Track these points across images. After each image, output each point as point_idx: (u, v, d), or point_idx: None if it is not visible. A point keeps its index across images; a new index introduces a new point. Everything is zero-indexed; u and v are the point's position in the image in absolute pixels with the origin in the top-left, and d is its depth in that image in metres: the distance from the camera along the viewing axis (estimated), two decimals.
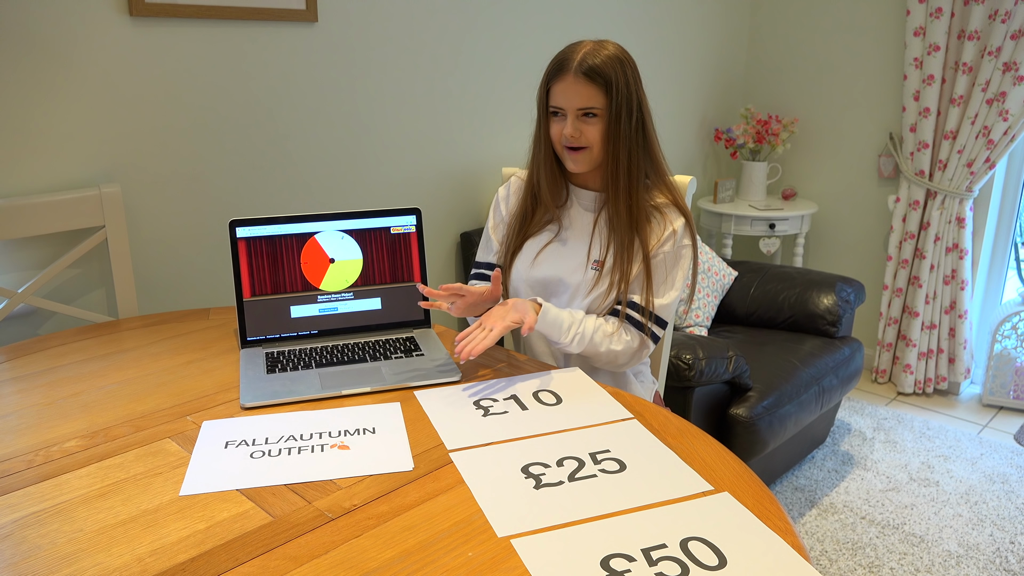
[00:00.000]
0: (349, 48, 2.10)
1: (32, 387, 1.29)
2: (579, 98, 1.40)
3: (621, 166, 1.43)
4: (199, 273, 1.95)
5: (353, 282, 1.50)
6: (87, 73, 1.67)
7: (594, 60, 1.39)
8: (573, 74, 1.39)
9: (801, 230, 3.26)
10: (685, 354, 2.00)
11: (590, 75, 1.38)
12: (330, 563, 0.85)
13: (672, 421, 1.18)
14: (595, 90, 1.39)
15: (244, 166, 1.97)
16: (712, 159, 3.54)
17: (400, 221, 1.53)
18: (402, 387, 1.30)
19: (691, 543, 0.88)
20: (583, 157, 1.44)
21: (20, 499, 0.97)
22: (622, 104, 1.40)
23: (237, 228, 1.43)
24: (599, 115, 1.41)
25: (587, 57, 1.39)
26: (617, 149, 1.42)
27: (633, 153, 1.43)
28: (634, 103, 1.42)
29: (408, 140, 2.30)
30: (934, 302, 3.08)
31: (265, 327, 1.45)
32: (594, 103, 1.39)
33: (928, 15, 2.86)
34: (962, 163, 2.91)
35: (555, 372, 1.36)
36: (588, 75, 1.38)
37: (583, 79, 1.38)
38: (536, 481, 1.00)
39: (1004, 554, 2.16)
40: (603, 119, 1.41)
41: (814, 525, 2.29)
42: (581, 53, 1.40)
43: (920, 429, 2.86)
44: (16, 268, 1.67)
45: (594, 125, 1.41)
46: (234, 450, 1.09)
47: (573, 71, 1.39)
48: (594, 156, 1.44)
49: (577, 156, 1.44)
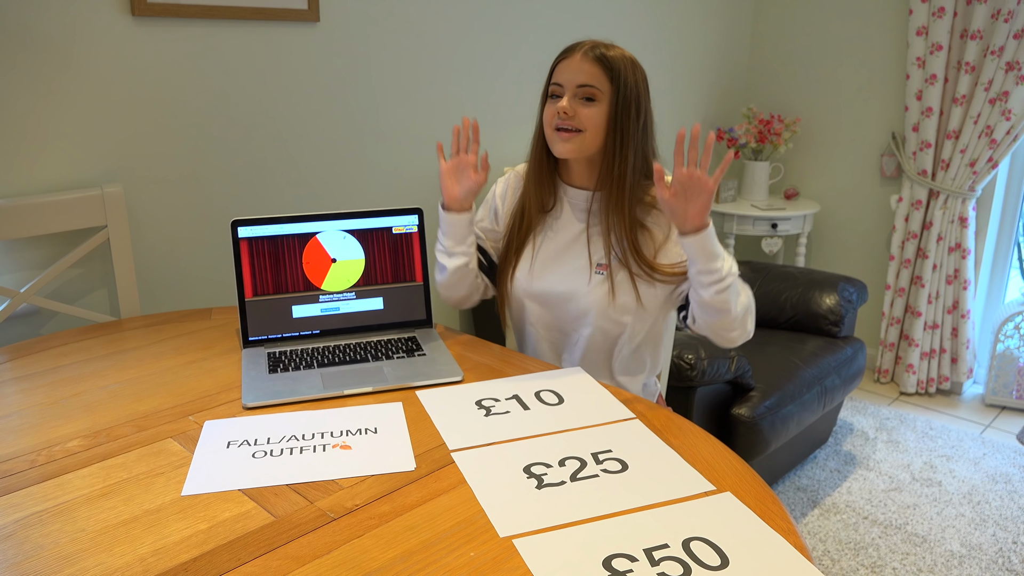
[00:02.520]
0: (351, 48, 2.10)
1: (34, 387, 1.29)
2: (581, 74, 1.36)
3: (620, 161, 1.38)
4: (201, 273, 1.95)
5: (355, 282, 1.50)
6: (89, 73, 1.67)
7: (606, 49, 1.38)
8: (582, 54, 1.37)
9: (803, 230, 3.26)
10: (687, 354, 2.00)
11: (599, 59, 1.36)
12: (332, 563, 0.85)
13: (674, 421, 1.18)
14: (600, 72, 1.36)
15: (246, 166, 1.97)
16: (715, 159, 3.54)
17: (402, 221, 1.53)
18: (404, 387, 1.30)
19: (693, 543, 0.88)
20: (573, 141, 1.38)
21: (22, 499, 0.97)
22: (630, 99, 1.37)
23: (239, 228, 1.43)
24: (599, 99, 1.37)
25: (600, 45, 1.38)
26: (622, 142, 1.38)
27: (636, 154, 1.39)
28: (642, 105, 1.39)
29: (410, 140, 2.30)
30: (936, 302, 3.08)
31: (267, 327, 1.45)
32: (596, 83, 1.36)
33: (931, 14, 2.86)
34: (965, 163, 2.91)
35: (557, 372, 1.36)
36: (597, 58, 1.36)
37: (590, 59, 1.36)
38: (538, 481, 1.00)
39: (1007, 554, 2.16)
40: (604, 105, 1.37)
41: (816, 525, 2.29)
42: (594, 42, 1.39)
43: (923, 429, 2.86)
44: (18, 268, 1.67)
45: (592, 108, 1.37)
46: (236, 450, 1.09)
47: (583, 51, 1.38)
48: (585, 143, 1.38)
49: (567, 137, 1.38)
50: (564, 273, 1.47)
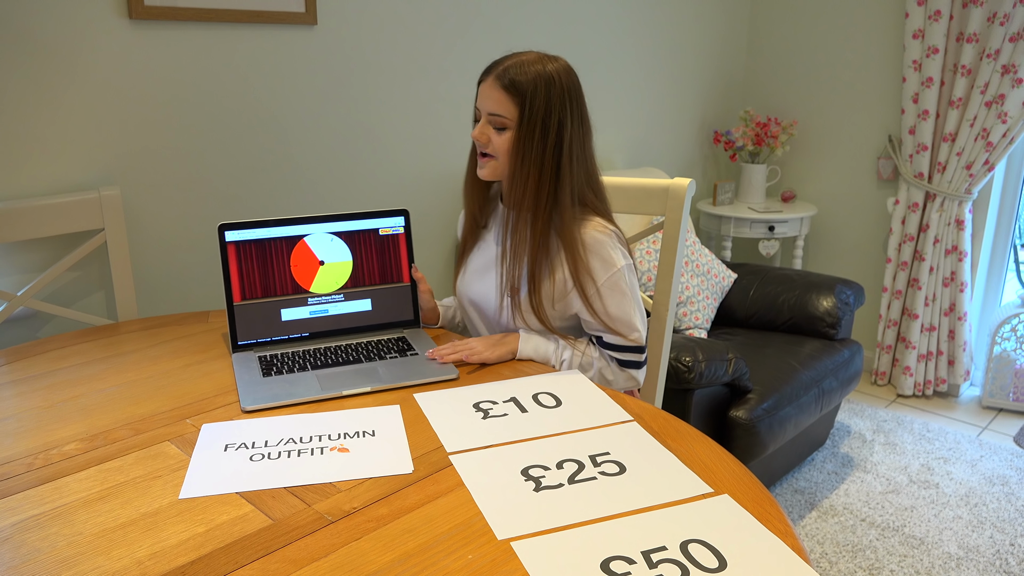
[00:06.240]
0: (349, 50, 2.10)
1: (31, 390, 1.29)
2: (491, 102, 1.38)
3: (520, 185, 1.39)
4: (198, 276, 1.95)
5: (343, 284, 1.51)
6: (86, 75, 1.67)
7: (516, 73, 1.36)
8: (493, 79, 1.38)
9: (800, 232, 3.26)
10: (685, 356, 2.00)
11: (507, 85, 1.36)
12: (330, 566, 0.85)
13: (671, 423, 1.18)
14: (508, 100, 1.36)
15: (244, 169, 1.97)
16: (711, 161, 3.55)
17: (388, 223, 1.54)
18: (401, 386, 1.30)
19: (691, 545, 0.88)
20: (488, 166, 1.43)
21: (20, 502, 0.97)
22: (536, 123, 1.36)
23: (226, 232, 1.43)
24: (508, 127, 1.38)
25: (511, 68, 1.37)
26: (523, 167, 1.39)
27: (543, 176, 1.38)
28: (551, 124, 1.37)
29: (408, 142, 2.30)
30: (933, 304, 3.09)
31: (256, 331, 1.45)
32: (503, 112, 1.37)
33: (927, 17, 2.87)
34: (961, 165, 2.92)
35: (554, 374, 1.36)
36: (505, 85, 1.36)
37: (499, 87, 1.37)
38: (536, 483, 1.00)
39: (1004, 556, 2.16)
40: (511, 132, 1.38)
41: (814, 527, 2.29)
42: (509, 63, 1.38)
43: (920, 431, 2.86)
44: (15, 271, 1.67)
45: (503, 136, 1.39)
46: (234, 453, 1.08)
47: (493, 76, 1.38)
48: (498, 167, 1.42)
49: (483, 162, 1.44)
50: (482, 291, 1.54)
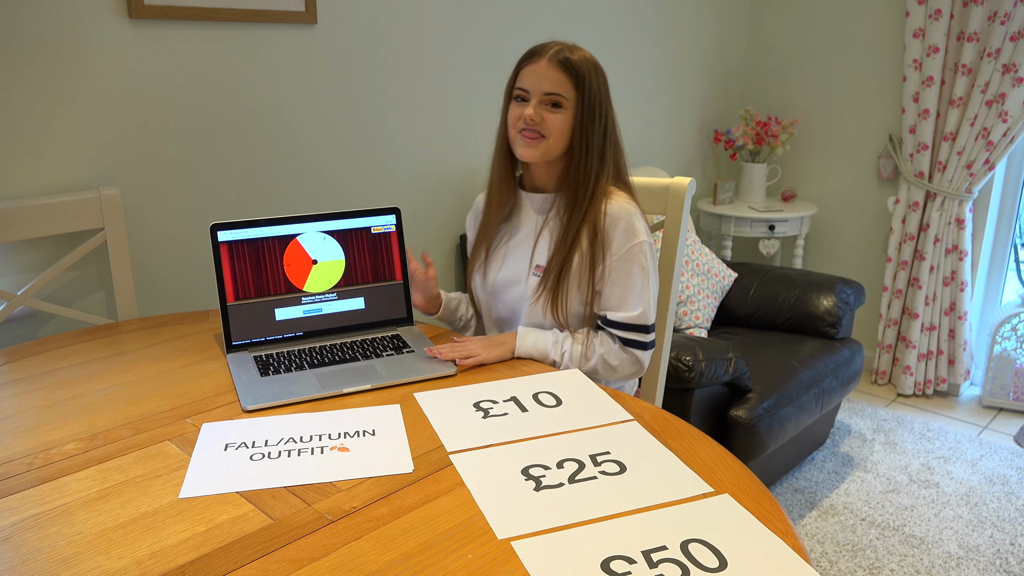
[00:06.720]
0: (349, 50, 2.10)
1: (31, 390, 1.29)
2: (548, 82, 1.38)
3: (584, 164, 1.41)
4: (198, 275, 1.95)
5: (336, 283, 1.51)
6: (86, 75, 1.67)
7: (570, 54, 1.39)
8: (547, 59, 1.39)
9: (801, 232, 3.26)
10: (685, 356, 2.00)
11: (564, 65, 1.38)
12: (330, 565, 0.85)
13: (672, 423, 1.18)
14: (565, 78, 1.38)
15: (243, 168, 1.97)
16: (711, 161, 3.54)
17: (380, 221, 1.54)
18: (401, 383, 1.30)
19: (691, 545, 0.88)
20: (537, 146, 1.41)
21: (19, 502, 0.97)
22: (594, 103, 1.40)
23: (218, 232, 1.43)
24: (564, 107, 1.39)
25: (564, 50, 1.40)
26: (581, 145, 1.41)
27: (596, 156, 1.42)
28: (605, 109, 1.42)
29: (408, 141, 2.30)
30: (934, 303, 3.09)
31: (250, 331, 1.45)
32: (561, 90, 1.38)
33: (927, 17, 2.86)
34: (961, 165, 2.91)
35: (555, 374, 1.36)
36: (562, 64, 1.38)
37: (556, 66, 1.38)
38: (536, 483, 1.00)
39: (1004, 556, 2.16)
40: (569, 112, 1.40)
41: (814, 527, 2.29)
42: (558, 46, 1.40)
43: (920, 431, 2.86)
44: (15, 270, 1.66)
45: (557, 115, 1.39)
46: (234, 452, 1.08)
47: (548, 57, 1.39)
48: (549, 148, 1.41)
49: (532, 142, 1.41)
50: (507, 268, 1.53)
